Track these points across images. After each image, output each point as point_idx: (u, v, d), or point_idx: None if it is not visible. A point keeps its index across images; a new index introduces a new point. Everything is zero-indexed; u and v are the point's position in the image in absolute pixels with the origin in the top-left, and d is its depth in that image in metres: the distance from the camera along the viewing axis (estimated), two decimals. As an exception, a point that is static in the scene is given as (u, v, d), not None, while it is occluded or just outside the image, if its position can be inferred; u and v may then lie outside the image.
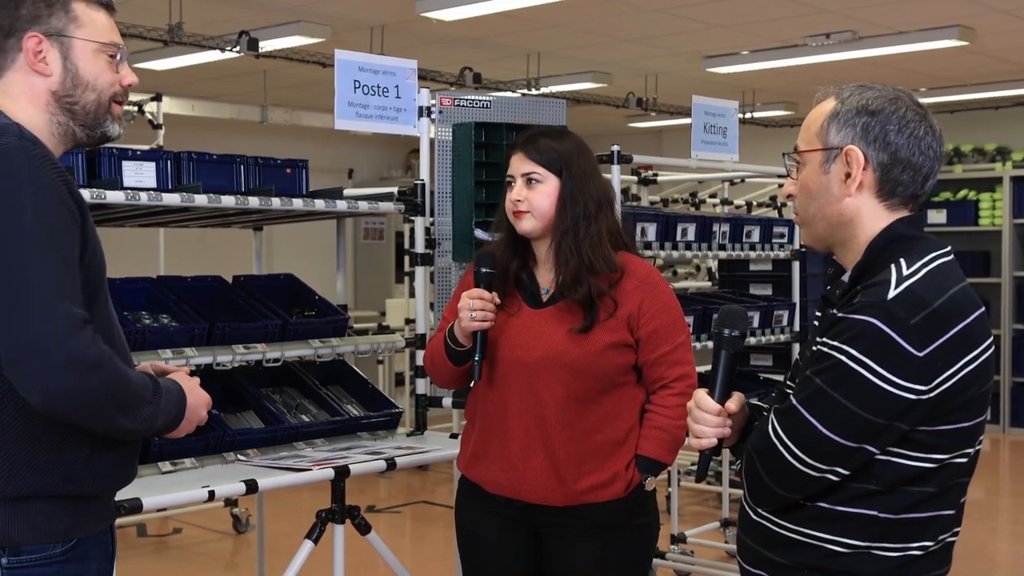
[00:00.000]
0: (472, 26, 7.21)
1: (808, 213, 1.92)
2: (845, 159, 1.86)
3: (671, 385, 2.63)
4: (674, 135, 12.09)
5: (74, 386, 1.75)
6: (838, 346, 1.76)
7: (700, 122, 4.44)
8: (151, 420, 1.90)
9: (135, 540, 6.13)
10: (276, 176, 3.56)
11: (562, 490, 2.59)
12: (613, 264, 2.62)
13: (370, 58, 3.70)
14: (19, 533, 1.86)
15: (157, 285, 3.58)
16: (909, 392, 1.72)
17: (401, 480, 7.55)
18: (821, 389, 1.76)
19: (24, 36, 1.94)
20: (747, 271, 5.36)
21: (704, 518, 6.27)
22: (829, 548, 1.82)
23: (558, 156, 2.64)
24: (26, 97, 1.95)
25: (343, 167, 12.30)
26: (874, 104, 1.87)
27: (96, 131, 2.02)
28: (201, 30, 7.18)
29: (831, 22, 7.37)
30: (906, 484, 1.78)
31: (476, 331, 2.60)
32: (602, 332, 2.59)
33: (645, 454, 2.62)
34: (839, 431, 1.75)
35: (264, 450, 3.33)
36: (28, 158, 1.81)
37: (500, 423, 2.65)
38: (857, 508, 1.80)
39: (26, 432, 1.85)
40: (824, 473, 1.78)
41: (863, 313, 1.74)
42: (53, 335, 1.74)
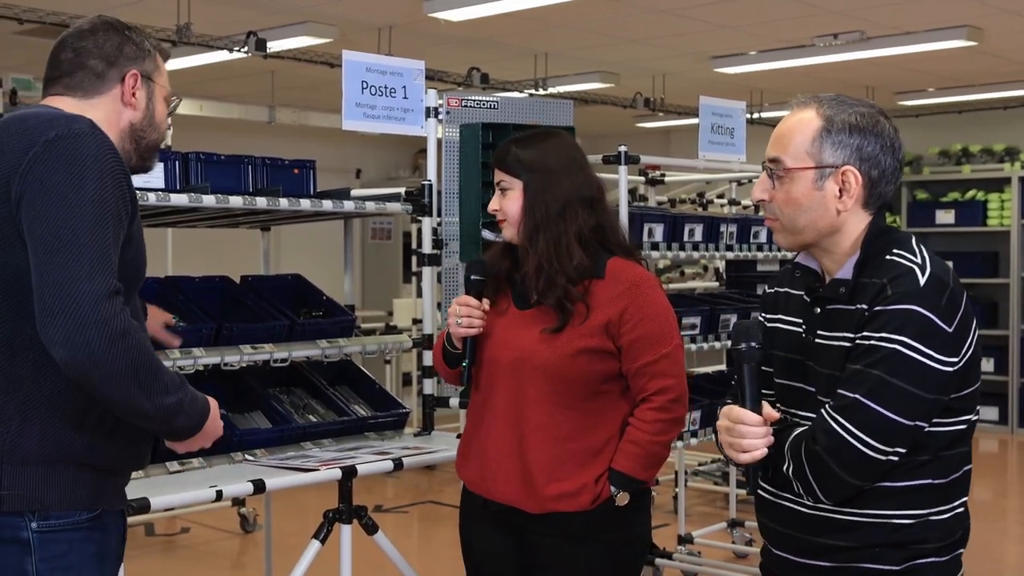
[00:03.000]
0: (480, 26, 7.21)
1: (798, 224, 2.02)
2: (841, 178, 1.98)
3: (650, 399, 2.54)
4: (682, 135, 12.08)
5: (100, 346, 1.85)
6: (888, 336, 1.88)
7: (707, 123, 4.44)
8: (172, 412, 1.99)
9: (143, 539, 6.14)
10: (284, 177, 3.56)
11: (529, 494, 2.56)
12: (583, 267, 2.57)
13: (378, 59, 3.70)
14: (48, 497, 1.97)
15: (165, 285, 3.59)
16: (949, 366, 1.88)
17: (408, 480, 7.56)
18: (882, 379, 1.87)
19: (126, 71, 2.17)
20: (754, 272, 5.35)
21: (711, 519, 6.26)
22: (895, 523, 1.93)
23: (519, 162, 2.64)
24: (107, 121, 2.14)
25: (351, 167, 12.31)
26: (863, 122, 1.99)
27: (146, 164, 2.28)
28: (209, 31, 7.19)
29: (839, 22, 7.36)
30: (949, 448, 1.95)
31: (464, 337, 2.63)
32: (575, 336, 2.54)
33: (618, 468, 2.54)
34: (903, 413, 1.87)
35: (272, 450, 3.34)
36: (98, 143, 1.98)
37: (482, 422, 2.67)
38: (914, 480, 1.93)
39: (59, 401, 1.97)
40: (889, 455, 1.89)
41: (905, 302, 1.88)
42: (91, 295, 1.86)
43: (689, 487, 6.62)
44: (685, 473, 5.93)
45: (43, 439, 1.96)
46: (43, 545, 1.96)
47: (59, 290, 1.86)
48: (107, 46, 2.15)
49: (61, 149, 1.94)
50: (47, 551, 1.97)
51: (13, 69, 7.15)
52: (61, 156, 1.94)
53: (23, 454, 1.95)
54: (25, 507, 1.96)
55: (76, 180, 1.92)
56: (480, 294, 2.66)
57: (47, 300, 1.87)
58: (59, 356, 1.88)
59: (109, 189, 1.95)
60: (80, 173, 1.93)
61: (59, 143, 1.95)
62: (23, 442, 1.95)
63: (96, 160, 1.95)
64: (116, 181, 1.97)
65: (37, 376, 1.96)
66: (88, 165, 1.94)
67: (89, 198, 1.92)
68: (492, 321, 2.66)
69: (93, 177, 1.94)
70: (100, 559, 2.05)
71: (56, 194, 1.91)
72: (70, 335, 1.85)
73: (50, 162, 1.93)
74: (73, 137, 1.96)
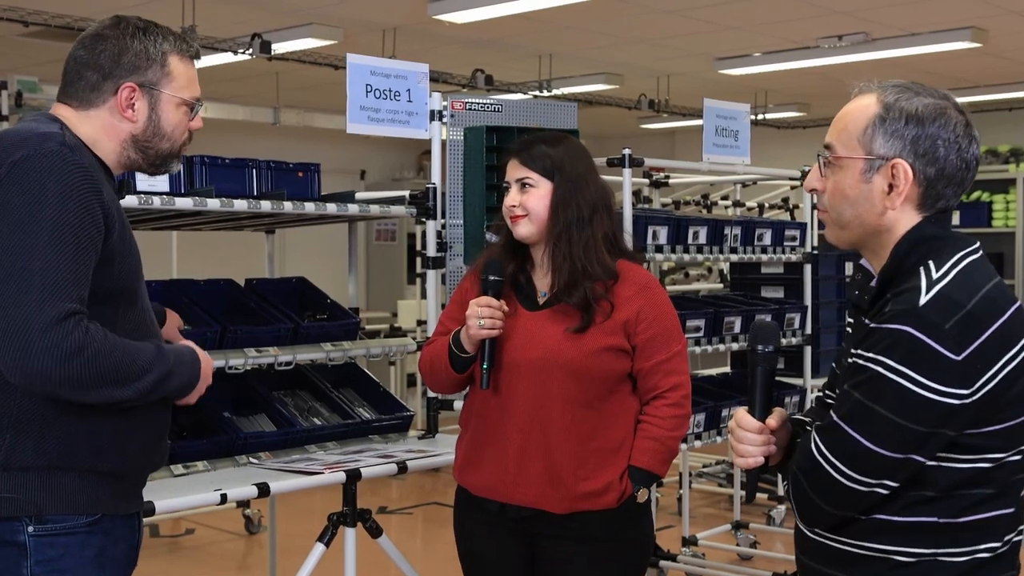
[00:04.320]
0: (484, 28, 7.22)
1: (843, 218, 1.86)
2: (891, 172, 1.80)
3: (665, 395, 2.61)
4: (686, 136, 12.08)
5: (53, 371, 1.86)
6: (874, 357, 1.72)
7: (711, 125, 4.44)
8: (159, 384, 2.00)
9: (148, 540, 6.15)
10: (288, 180, 3.57)
11: (557, 495, 2.57)
12: (609, 269, 2.62)
13: (382, 62, 3.70)
14: (44, 502, 1.97)
15: (170, 288, 3.59)
16: (951, 397, 1.68)
17: (413, 481, 7.56)
18: (861, 403, 1.72)
19: (120, 83, 2.10)
20: (759, 274, 5.35)
21: (715, 520, 6.26)
22: (896, 559, 1.78)
23: (551, 161, 2.64)
24: (105, 132, 2.11)
25: (355, 168, 12.32)
26: (925, 112, 1.79)
27: (160, 169, 2.22)
28: (214, 32, 7.20)
29: (844, 23, 7.36)
30: (962, 487, 1.74)
31: (483, 339, 2.61)
32: (598, 334, 2.58)
33: (638, 465, 2.59)
34: (884, 444, 1.70)
35: (276, 453, 3.34)
36: (62, 162, 1.94)
37: (497, 426, 2.64)
38: (916, 516, 1.76)
39: (56, 407, 1.96)
40: (873, 487, 1.73)
41: (895, 322, 1.70)
42: (38, 324, 1.85)
43: (693, 489, 6.61)
44: (689, 475, 5.92)
45: (38, 449, 1.96)
46: (38, 549, 1.97)
47: (8, 320, 1.85)
48: (103, 57, 2.09)
49: (25, 170, 1.91)
50: (42, 554, 1.97)
51: (18, 71, 7.16)
52: (24, 178, 1.90)
53: (20, 463, 1.95)
54: (21, 511, 1.96)
55: (35, 203, 1.89)
56: (499, 295, 2.65)
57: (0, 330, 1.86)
58: (16, 383, 1.89)
59: (72, 210, 1.90)
60: (39, 195, 1.89)
61: (24, 164, 1.92)
62: (18, 452, 1.95)
63: (59, 180, 1.91)
64: (81, 201, 1.92)
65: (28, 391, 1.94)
66: (48, 186, 1.90)
67: (48, 220, 1.88)
68: (505, 324, 2.65)
69: (54, 198, 1.89)
70: (99, 564, 2.04)
71: (13, 218, 1.88)
72: (21, 363, 1.85)
73: (12, 184, 1.90)
74: (38, 157, 1.92)
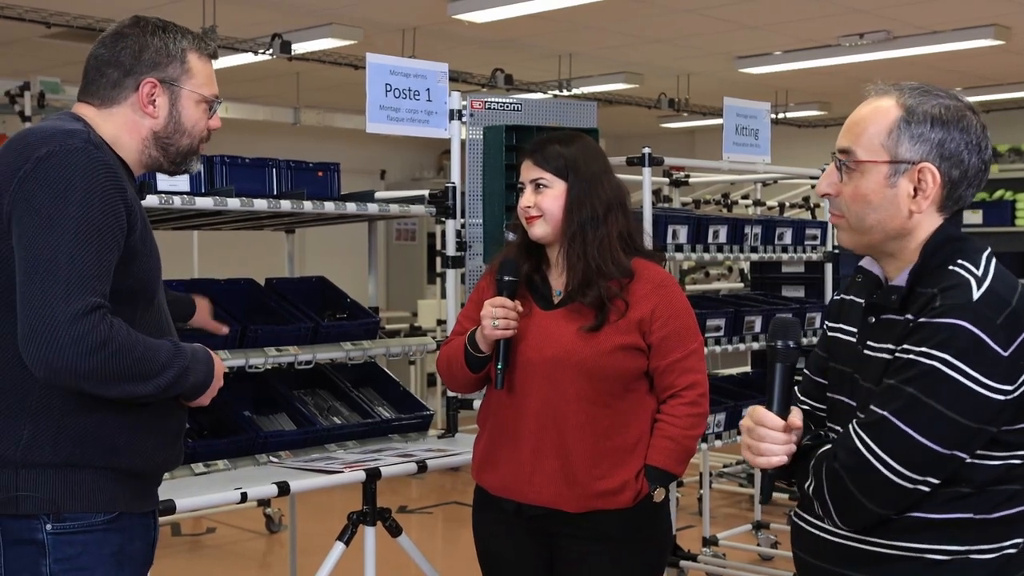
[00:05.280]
0: (503, 28, 7.22)
1: (865, 223, 1.83)
2: (917, 176, 1.79)
3: (681, 394, 2.60)
4: (706, 135, 12.04)
5: (77, 364, 1.88)
6: (927, 351, 1.70)
7: (732, 124, 4.43)
8: (174, 381, 2.01)
9: (169, 539, 6.18)
10: (308, 179, 3.58)
11: (572, 494, 2.57)
12: (624, 267, 2.61)
13: (401, 61, 3.71)
14: (62, 500, 1.98)
15: (191, 287, 3.60)
16: (1000, 394, 1.69)
17: (433, 481, 7.57)
18: (915, 397, 1.70)
19: (141, 80, 2.12)
20: (779, 273, 5.33)
21: (736, 520, 6.24)
22: (930, 558, 1.76)
23: (564, 160, 2.64)
24: (127, 130, 2.12)
25: (375, 168, 12.35)
26: (948, 115, 1.79)
27: (181, 167, 2.24)
28: (234, 33, 7.23)
29: (865, 22, 7.32)
30: (995, 483, 1.75)
31: (499, 339, 2.61)
32: (613, 333, 2.57)
33: (654, 464, 2.59)
34: (937, 439, 1.69)
35: (296, 452, 3.35)
36: (87, 159, 1.96)
37: (513, 425, 2.64)
38: (952, 513, 1.75)
39: (73, 404, 1.97)
40: (918, 484, 1.72)
41: (951, 316, 1.69)
42: (64, 318, 1.86)
43: (714, 489, 6.59)
44: (710, 475, 5.91)
45: (56, 446, 1.97)
46: (57, 547, 1.98)
47: (35, 313, 1.87)
48: (124, 54, 2.11)
49: (50, 167, 1.93)
50: (61, 552, 1.98)
51: (41, 72, 7.21)
52: (49, 174, 1.92)
53: (38, 460, 1.97)
54: (39, 509, 1.97)
55: (60, 199, 1.91)
56: (513, 295, 2.65)
57: (24, 323, 1.89)
58: (39, 375, 1.90)
59: (96, 207, 1.93)
60: (65, 191, 1.91)
61: (49, 160, 1.93)
62: (35, 450, 1.96)
63: (84, 177, 1.93)
64: (105, 197, 1.94)
65: (46, 387, 1.96)
66: (74, 183, 1.92)
67: (73, 216, 1.90)
68: (519, 323, 2.65)
69: (79, 195, 1.91)
70: (117, 562, 2.05)
71: (39, 213, 1.91)
72: (47, 357, 1.87)
73: (38, 180, 1.92)
74: (63, 154, 1.94)
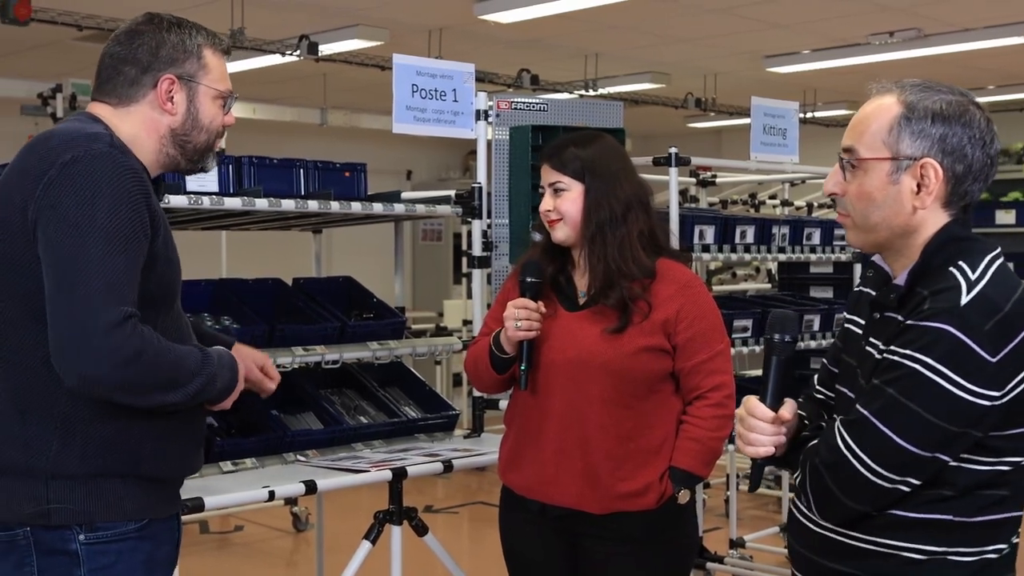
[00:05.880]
0: (530, 28, 7.22)
1: (870, 221, 1.84)
2: (919, 171, 1.79)
3: (707, 395, 2.58)
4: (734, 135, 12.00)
5: (111, 375, 1.87)
6: (911, 354, 1.70)
7: (759, 123, 4.41)
8: (201, 389, 2.01)
9: (198, 537, 6.22)
10: (335, 179, 3.59)
11: (595, 495, 2.57)
12: (645, 267, 2.60)
13: (428, 62, 3.72)
14: (94, 510, 1.98)
15: (219, 287, 3.63)
16: (983, 399, 1.68)
17: (459, 481, 7.58)
18: (895, 399, 1.71)
19: (160, 76, 2.10)
20: (807, 273, 5.30)
21: (763, 523, 6.21)
22: (906, 556, 1.77)
23: (581, 162, 2.64)
24: (144, 128, 2.11)
25: (402, 168, 12.38)
26: (949, 110, 1.79)
27: (198, 165, 2.22)
28: (262, 35, 7.27)
29: (895, 20, 7.27)
30: (980, 488, 1.75)
31: (521, 340, 2.62)
32: (636, 335, 2.56)
33: (679, 466, 2.58)
34: (914, 441, 1.70)
35: (323, 451, 3.37)
36: (113, 164, 1.94)
37: (537, 426, 2.64)
38: (931, 514, 1.76)
39: (98, 418, 1.97)
40: (897, 484, 1.73)
41: (936, 320, 1.69)
42: (97, 328, 1.85)
43: (741, 491, 6.55)
44: (737, 476, 5.88)
45: (84, 457, 1.97)
46: (91, 557, 1.98)
47: (68, 324, 1.86)
48: (141, 51, 2.10)
49: (75, 172, 1.91)
50: (95, 562, 1.98)
51: (73, 74, 7.29)
52: (75, 180, 1.91)
53: (67, 470, 1.96)
54: (72, 520, 1.97)
55: (88, 205, 1.89)
56: (536, 296, 2.65)
57: (57, 334, 1.87)
58: (70, 386, 1.89)
59: (124, 212, 1.91)
60: (92, 198, 1.89)
61: (74, 166, 1.91)
62: (65, 461, 1.96)
63: (110, 183, 1.91)
64: (132, 203, 1.93)
65: (74, 397, 1.95)
66: (102, 189, 1.90)
67: (101, 224, 1.88)
68: (543, 324, 2.65)
69: (106, 201, 1.90)
70: (148, 568, 2.06)
71: (67, 221, 1.89)
72: (81, 368, 1.86)
73: (64, 186, 1.91)
74: (88, 159, 1.92)
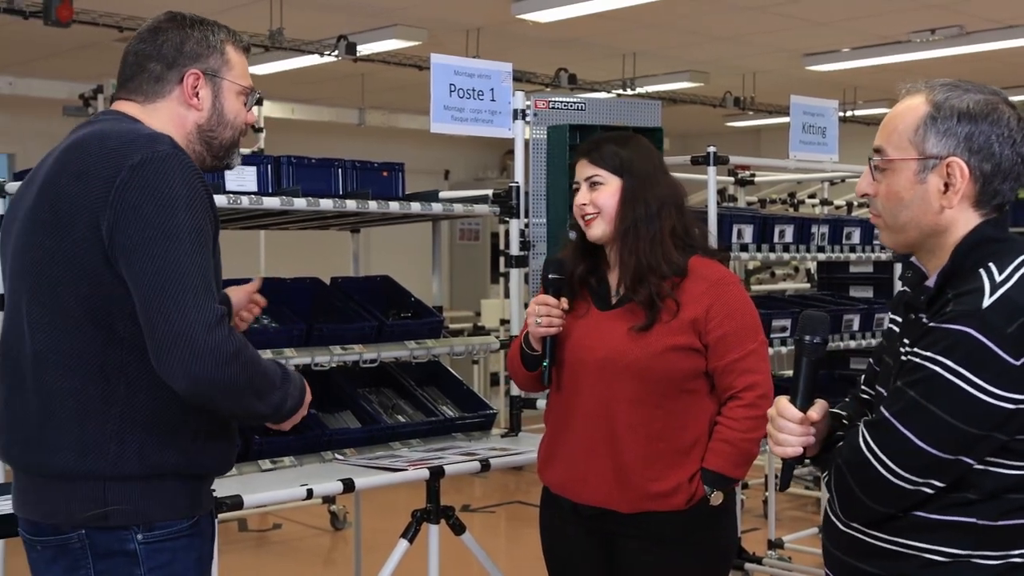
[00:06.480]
0: (567, 27, 7.21)
1: (899, 221, 1.85)
2: (946, 171, 1.79)
3: (740, 395, 2.55)
4: (773, 134, 11.92)
5: (217, 373, 1.90)
6: (932, 357, 1.70)
7: (798, 122, 4.37)
8: (280, 404, 2.06)
9: (236, 535, 6.26)
10: (373, 179, 3.61)
11: (624, 495, 2.56)
12: (676, 265, 2.59)
13: (465, 62, 3.72)
14: (152, 509, 2.01)
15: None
16: (1008, 402, 1.67)
17: (496, 480, 7.59)
18: (916, 401, 1.71)
19: (185, 71, 2.12)
20: (847, 273, 5.25)
21: (802, 523, 6.17)
22: (928, 557, 1.77)
23: (619, 159, 2.64)
24: (172, 124, 2.12)
25: (439, 168, 12.41)
26: (976, 109, 1.79)
27: (223, 161, 2.24)
28: (301, 35, 7.31)
29: (936, 17, 7.20)
30: (1006, 492, 1.73)
31: (544, 337, 2.62)
32: (664, 334, 2.55)
33: (711, 467, 2.55)
34: (936, 444, 1.70)
35: (361, 449, 3.38)
36: (180, 165, 1.97)
37: (567, 424, 2.65)
38: (955, 516, 1.75)
39: (154, 420, 2.00)
40: (919, 486, 1.73)
41: (957, 323, 1.69)
42: (201, 326, 1.88)
43: (779, 491, 6.52)
44: (775, 477, 5.84)
45: (142, 458, 1.99)
46: (150, 556, 2.01)
47: (170, 325, 1.88)
48: (166, 47, 2.11)
49: (148, 175, 1.92)
50: (154, 561, 2.01)
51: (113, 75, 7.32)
52: (150, 182, 1.92)
53: (125, 472, 1.99)
54: (130, 521, 1.99)
55: (169, 209, 1.91)
56: (559, 293, 2.65)
57: (159, 336, 1.89)
58: (180, 388, 1.91)
59: (200, 214, 1.95)
60: (172, 202, 1.92)
61: (145, 168, 1.93)
62: (123, 463, 1.98)
63: (184, 184, 1.94)
64: (203, 204, 1.97)
65: (130, 398, 1.98)
66: (178, 192, 1.93)
67: (185, 227, 1.91)
68: (574, 324, 2.65)
69: (184, 204, 1.93)
70: (200, 564, 2.10)
71: (152, 225, 1.90)
72: (188, 368, 1.88)
73: (140, 189, 1.92)
74: (159, 161, 1.94)
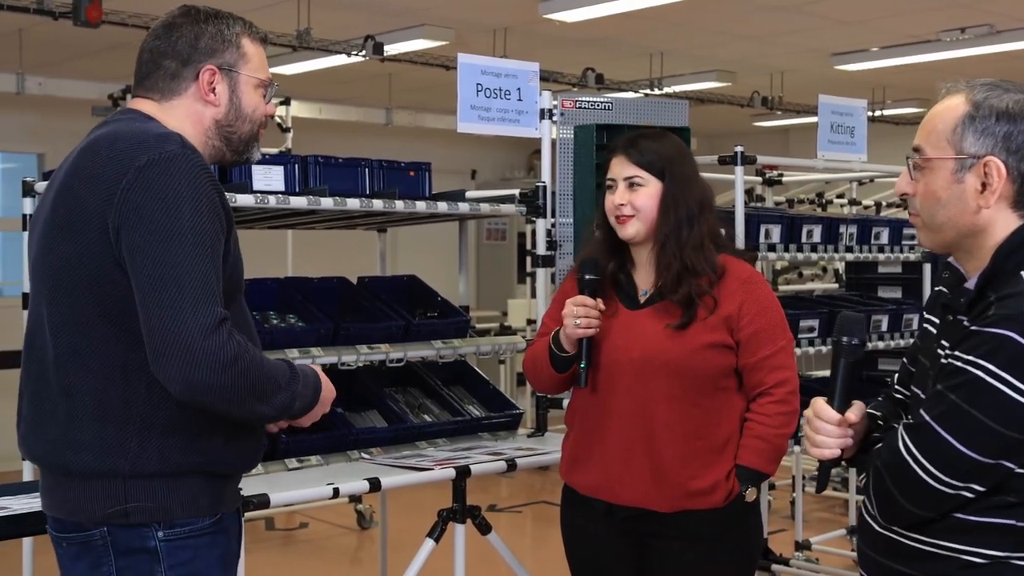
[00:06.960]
0: (595, 27, 7.19)
1: (936, 221, 1.85)
2: (983, 170, 1.79)
3: (771, 392, 2.57)
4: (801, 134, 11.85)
5: (213, 379, 1.89)
6: (974, 360, 1.69)
7: (827, 122, 4.35)
8: (287, 405, 2.04)
9: (263, 533, 6.29)
10: (400, 179, 3.61)
11: (662, 494, 2.56)
12: (715, 266, 2.60)
13: (492, 61, 3.72)
14: (172, 507, 2.01)
15: (284, 286, 3.67)
16: None
17: (522, 480, 7.59)
18: (957, 405, 1.70)
19: (201, 67, 2.11)
20: (876, 273, 5.22)
21: (830, 525, 6.14)
22: (967, 559, 1.76)
23: (659, 158, 2.63)
24: (190, 121, 2.12)
25: (466, 168, 12.40)
26: (1016, 108, 1.78)
27: (243, 155, 2.23)
28: (328, 35, 7.33)
29: (966, 16, 7.13)
30: None
31: (581, 338, 2.60)
32: (701, 331, 2.55)
33: (745, 464, 2.56)
34: (977, 448, 1.69)
35: (387, 449, 3.39)
36: (188, 165, 1.96)
37: (601, 426, 2.63)
38: (995, 518, 1.74)
39: (175, 419, 2.00)
40: (959, 490, 1.73)
41: (1000, 326, 1.68)
42: (197, 331, 1.87)
43: (807, 492, 6.48)
44: (803, 478, 5.82)
45: (162, 456, 1.99)
46: (170, 553, 2.01)
47: (166, 329, 1.87)
48: (180, 43, 2.10)
49: (154, 176, 1.92)
50: (175, 558, 2.01)
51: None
52: (155, 183, 1.92)
53: (146, 470, 1.99)
54: (150, 518, 2.00)
55: (172, 210, 1.90)
56: (595, 293, 2.65)
57: (156, 340, 1.89)
58: (176, 392, 1.91)
59: (205, 214, 1.93)
60: (175, 202, 1.91)
61: (151, 170, 1.93)
62: (143, 461, 1.98)
63: (190, 185, 1.93)
64: (211, 204, 1.95)
65: (151, 397, 1.97)
66: (182, 192, 1.92)
67: (188, 228, 1.90)
68: (606, 323, 2.64)
69: (189, 204, 1.91)
70: (224, 562, 2.09)
71: (153, 225, 1.90)
72: (184, 373, 1.87)
73: (145, 190, 1.92)
74: (165, 162, 1.93)
